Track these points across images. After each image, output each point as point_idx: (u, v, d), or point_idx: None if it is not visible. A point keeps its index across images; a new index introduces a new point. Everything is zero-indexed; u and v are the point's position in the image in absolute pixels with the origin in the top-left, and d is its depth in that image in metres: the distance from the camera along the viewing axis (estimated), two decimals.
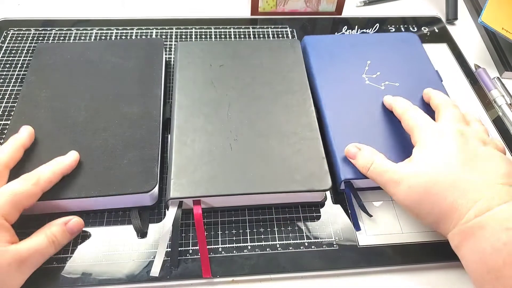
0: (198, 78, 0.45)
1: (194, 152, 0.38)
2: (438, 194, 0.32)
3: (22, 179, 0.34)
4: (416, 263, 0.37)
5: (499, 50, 0.57)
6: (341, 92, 0.45)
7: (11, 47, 0.53)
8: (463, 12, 0.65)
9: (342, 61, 0.48)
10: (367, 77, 0.47)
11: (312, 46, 0.49)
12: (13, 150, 0.36)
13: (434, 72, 0.48)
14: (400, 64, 0.48)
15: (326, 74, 0.47)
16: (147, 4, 0.61)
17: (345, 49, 0.49)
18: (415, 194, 0.33)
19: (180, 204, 0.36)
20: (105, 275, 0.35)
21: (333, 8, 0.61)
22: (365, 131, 0.41)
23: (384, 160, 0.36)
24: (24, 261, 0.31)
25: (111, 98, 0.42)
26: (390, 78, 0.46)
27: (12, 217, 0.32)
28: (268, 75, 0.45)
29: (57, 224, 0.34)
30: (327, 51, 0.49)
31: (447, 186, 0.32)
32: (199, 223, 0.35)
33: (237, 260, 0.36)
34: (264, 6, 0.59)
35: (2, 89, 0.48)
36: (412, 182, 0.33)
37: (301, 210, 0.39)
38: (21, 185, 0.33)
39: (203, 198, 0.36)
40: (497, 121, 0.49)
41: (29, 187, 0.33)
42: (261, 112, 0.42)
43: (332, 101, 0.44)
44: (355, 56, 0.49)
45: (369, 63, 0.48)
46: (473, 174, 0.32)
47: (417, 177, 0.33)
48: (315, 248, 0.37)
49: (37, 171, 0.35)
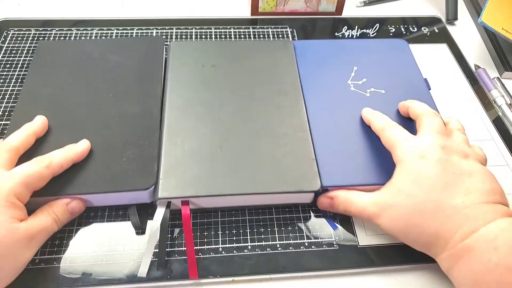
0: (190, 78, 0.45)
1: (184, 152, 0.38)
2: (421, 224, 0.32)
3: (34, 162, 0.34)
4: (416, 263, 0.37)
5: (499, 50, 0.57)
6: (326, 98, 0.44)
7: (11, 47, 0.53)
8: (463, 12, 0.65)
9: (329, 67, 0.47)
10: (352, 83, 0.46)
11: (300, 51, 0.49)
12: (25, 136, 0.36)
13: (422, 80, 0.47)
14: (387, 71, 0.47)
15: (313, 79, 0.46)
16: (147, 4, 0.61)
17: (332, 54, 0.49)
18: (397, 226, 0.33)
19: (168, 204, 0.36)
20: (105, 275, 0.35)
21: (333, 8, 0.61)
22: (349, 138, 0.40)
23: (360, 197, 0.35)
24: (32, 238, 0.32)
25: (111, 96, 0.42)
26: (376, 85, 0.45)
27: (24, 197, 0.33)
28: (260, 75, 0.45)
29: (59, 204, 0.35)
30: (315, 56, 0.48)
31: (428, 214, 0.32)
32: (187, 223, 0.35)
33: (237, 260, 0.36)
34: (264, 6, 0.59)
35: (3, 89, 0.48)
36: (392, 214, 0.33)
37: (301, 210, 0.39)
38: (33, 167, 0.34)
39: (192, 199, 0.36)
40: (497, 121, 0.49)
41: (41, 170, 0.34)
42: (252, 113, 0.42)
43: (316, 107, 0.43)
44: (342, 61, 0.48)
45: (356, 69, 0.47)
46: (455, 198, 0.31)
47: (397, 209, 0.33)
48: (315, 248, 0.37)
49: (50, 155, 0.35)
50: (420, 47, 0.57)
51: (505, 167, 0.45)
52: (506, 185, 0.43)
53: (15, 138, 0.36)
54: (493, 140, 0.47)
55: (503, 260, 0.28)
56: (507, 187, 0.43)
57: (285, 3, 0.59)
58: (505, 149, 0.46)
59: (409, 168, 0.33)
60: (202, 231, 0.38)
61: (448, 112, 0.49)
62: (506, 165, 0.45)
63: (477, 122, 0.49)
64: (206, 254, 0.36)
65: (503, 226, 0.29)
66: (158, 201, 0.36)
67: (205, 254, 0.36)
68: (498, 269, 0.28)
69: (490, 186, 0.32)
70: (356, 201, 0.35)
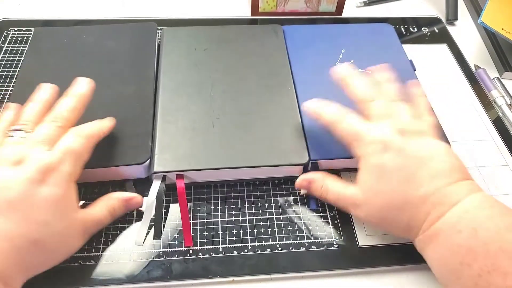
0: (182, 61, 0.46)
1: (178, 129, 0.40)
2: (393, 218, 0.33)
3: (77, 135, 0.34)
4: (416, 263, 0.37)
5: (499, 50, 0.57)
6: (315, 79, 0.46)
7: (11, 47, 0.53)
8: (463, 12, 0.65)
9: (318, 50, 0.50)
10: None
11: (290, 35, 0.51)
12: (79, 108, 0.36)
13: (407, 61, 0.49)
14: (374, 53, 0.49)
15: (302, 62, 0.48)
16: (147, 4, 0.61)
17: (321, 38, 0.51)
18: (370, 220, 0.35)
19: (163, 178, 0.38)
20: (105, 275, 0.35)
21: (333, 9, 0.61)
22: None
23: (336, 187, 0.36)
24: (87, 230, 0.34)
25: (106, 79, 0.44)
26: (363, 66, 0.47)
27: (77, 175, 0.33)
28: (251, 58, 0.47)
29: (118, 199, 0.36)
30: (304, 40, 0.51)
31: (398, 208, 0.33)
32: (182, 196, 0.37)
33: (237, 260, 0.36)
34: (264, 6, 0.59)
35: (3, 89, 0.48)
36: (364, 210, 0.34)
37: (301, 210, 0.40)
38: (79, 141, 0.33)
39: (186, 172, 0.38)
40: (497, 122, 0.49)
41: (85, 142, 0.34)
42: (243, 93, 0.44)
43: (306, 88, 0.45)
44: (331, 45, 0.50)
45: (343, 51, 0.49)
46: (420, 187, 0.32)
47: (368, 206, 0.34)
48: (315, 248, 0.37)
49: (86, 127, 0.35)
50: (420, 47, 0.57)
51: (505, 167, 0.45)
52: (506, 185, 0.43)
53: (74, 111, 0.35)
54: (493, 140, 0.47)
55: (465, 242, 0.29)
56: (507, 187, 0.43)
57: (285, 3, 0.59)
58: (505, 149, 0.46)
59: (372, 165, 0.34)
60: (202, 231, 0.38)
61: (448, 112, 0.49)
62: (506, 165, 0.45)
63: (477, 122, 0.49)
64: (206, 254, 0.36)
65: (466, 207, 0.30)
66: (154, 175, 0.38)
67: (205, 254, 0.36)
68: (461, 251, 0.29)
69: (450, 165, 0.33)
70: (331, 190, 0.36)
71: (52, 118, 0.34)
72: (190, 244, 0.36)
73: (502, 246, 0.28)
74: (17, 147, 0.32)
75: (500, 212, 0.30)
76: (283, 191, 0.41)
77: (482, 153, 0.46)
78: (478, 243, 0.29)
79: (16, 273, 0.29)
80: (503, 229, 0.29)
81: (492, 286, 0.27)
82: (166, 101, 0.42)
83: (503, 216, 0.30)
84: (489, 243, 0.28)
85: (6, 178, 0.30)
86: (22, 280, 0.30)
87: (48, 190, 0.30)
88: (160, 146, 0.39)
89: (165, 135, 0.40)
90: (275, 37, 0.50)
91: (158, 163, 0.38)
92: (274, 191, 0.41)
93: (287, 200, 0.40)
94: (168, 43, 0.48)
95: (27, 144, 0.32)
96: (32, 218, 0.29)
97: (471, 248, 0.29)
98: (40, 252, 0.30)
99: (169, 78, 0.45)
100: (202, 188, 0.41)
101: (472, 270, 0.28)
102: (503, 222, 0.29)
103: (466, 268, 0.29)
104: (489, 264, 0.28)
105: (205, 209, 0.39)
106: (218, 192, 0.40)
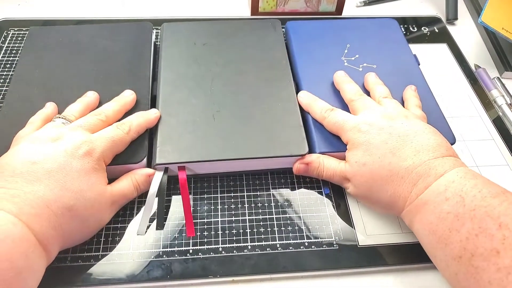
0: (182, 56, 0.47)
1: (179, 122, 0.41)
2: (379, 189, 0.35)
3: (117, 127, 0.37)
4: (416, 263, 0.37)
5: (499, 50, 0.57)
6: (320, 73, 0.47)
7: (11, 47, 0.53)
8: (463, 12, 0.65)
9: (323, 44, 0.50)
10: (346, 59, 0.48)
11: (294, 31, 0.52)
12: (117, 108, 0.40)
13: (411, 55, 0.49)
14: (379, 47, 0.50)
15: (307, 56, 0.49)
16: (147, 4, 0.61)
17: (326, 33, 0.51)
18: (360, 192, 0.37)
19: (166, 170, 0.39)
20: (105, 275, 0.35)
21: (333, 8, 0.61)
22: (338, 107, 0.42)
23: (332, 165, 0.39)
24: (115, 202, 0.36)
25: (102, 78, 0.44)
26: (368, 60, 0.48)
27: (108, 160, 0.37)
28: (250, 52, 0.48)
29: (142, 174, 0.38)
30: (309, 35, 0.51)
31: (384, 179, 0.35)
32: (184, 187, 0.38)
33: (237, 260, 0.36)
34: (264, 6, 0.59)
35: (3, 89, 0.48)
36: (354, 183, 0.37)
37: (301, 210, 0.40)
38: (118, 132, 0.37)
39: (188, 164, 0.38)
40: (497, 121, 0.49)
41: (123, 135, 0.37)
42: (243, 86, 0.44)
43: (311, 81, 0.46)
44: (336, 40, 0.51)
45: (349, 46, 0.50)
46: (406, 160, 0.34)
47: (357, 178, 0.37)
48: (315, 248, 0.37)
49: (128, 121, 0.39)
50: (420, 47, 0.57)
51: (505, 167, 0.45)
52: (506, 184, 0.43)
53: (109, 107, 0.39)
54: (493, 140, 0.47)
55: (453, 208, 0.30)
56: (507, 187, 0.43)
57: (285, 3, 0.59)
58: (505, 149, 0.46)
59: (358, 142, 0.37)
60: (202, 231, 0.38)
61: (448, 112, 0.49)
62: (506, 165, 0.45)
63: (477, 122, 0.49)
64: (206, 254, 0.36)
65: (452, 178, 0.32)
66: (156, 166, 0.38)
67: (205, 254, 0.36)
68: (449, 217, 0.31)
69: (435, 142, 0.35)
70: (327, 168, 0.39)
71: (95, 113, 0.38)
72: (193, 234, 0.37)
73: (488, 211, 0.29)
74: (57, 128, 0.36)
75: (484, 182, 0.32)
76: (282, 186, 0.41)
77: (482, 152, 0.46)
78: (466, 210, 0.30)
79: (54, 239, 0.31)
80: (488, 196, 0.30)
81: (480, 248, 0.28)
82: (167, 94, 0.43)
83: (487, 185, 0.31)
84: (475, 209, 0.30)
85: (46, 151, 0.33)
86: (59, 247, 0.33)
87: (81, 163, 0.33)
88: (161, 138, 0.39)
89: (166, 128, 0.40)
90: (273, 31, 0.50)
91: (160, 155, 0.38)
92: (273, 185, 0.41)
93: (287, 200, 0.40)
94: (168, 37, 0.49)
95: (68, 127, 0.36)
96: (68, 186, 0.32)
97: (459, 214, 0.30)
98: (75, 219, 0.32)
99: (170, 72, 0.45)
100: (202, 189, 0.41)
101: (460, 235, 0.29)
102: (487, 189, 0.30)
103: (455, 234, 0.30)
104: (476, 227, 0.29)
105: (205, 209, 0.39)
106: (218, 188, 0.40)
